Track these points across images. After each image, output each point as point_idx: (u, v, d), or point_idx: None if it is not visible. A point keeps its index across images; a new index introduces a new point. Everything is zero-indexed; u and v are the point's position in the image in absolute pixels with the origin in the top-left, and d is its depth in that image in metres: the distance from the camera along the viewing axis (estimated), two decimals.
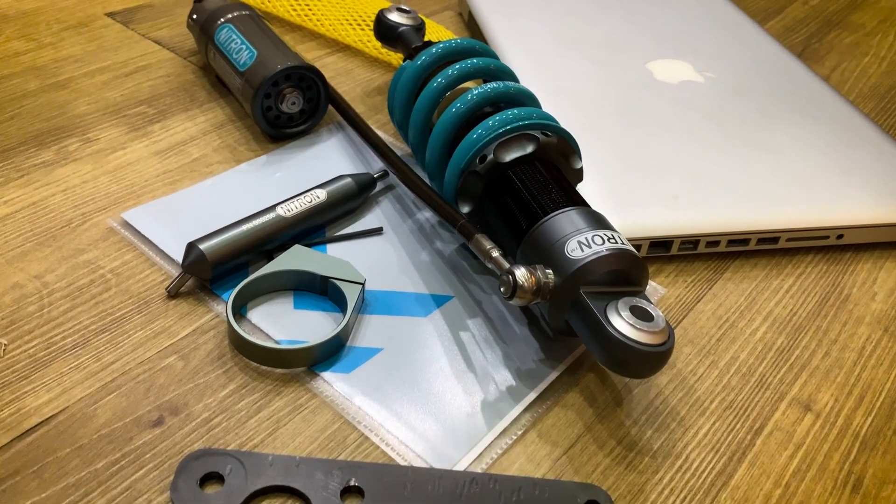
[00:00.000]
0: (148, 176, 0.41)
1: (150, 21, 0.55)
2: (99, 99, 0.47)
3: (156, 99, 0.47)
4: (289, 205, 0.37)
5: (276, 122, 0.45)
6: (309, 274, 0.34)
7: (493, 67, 0.40)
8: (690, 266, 0.39)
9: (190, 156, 0.43)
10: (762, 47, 0.57)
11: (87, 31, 0.53)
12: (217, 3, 0.49)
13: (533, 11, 0.57)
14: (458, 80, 0.40)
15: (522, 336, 0.34)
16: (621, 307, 0.30)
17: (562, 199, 0.33)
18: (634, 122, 0.46)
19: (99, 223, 0.38)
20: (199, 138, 0.44)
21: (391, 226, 0.39)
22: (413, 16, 0.49)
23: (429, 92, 0.39)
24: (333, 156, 0.44)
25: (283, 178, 0.42)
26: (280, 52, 0.44)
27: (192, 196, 0.40)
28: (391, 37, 0.49)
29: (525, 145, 0.35)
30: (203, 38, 0.48)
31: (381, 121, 0.48)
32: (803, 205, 0.41)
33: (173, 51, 0.52)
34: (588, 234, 0.31)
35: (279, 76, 0.43)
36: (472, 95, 0.38)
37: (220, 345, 0.32)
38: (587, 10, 0.58)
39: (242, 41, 0.45)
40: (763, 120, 0.47)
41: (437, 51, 0.41)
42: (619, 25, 0.57)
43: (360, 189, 0.40)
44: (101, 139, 0.43)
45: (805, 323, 0.37)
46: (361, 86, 0.51)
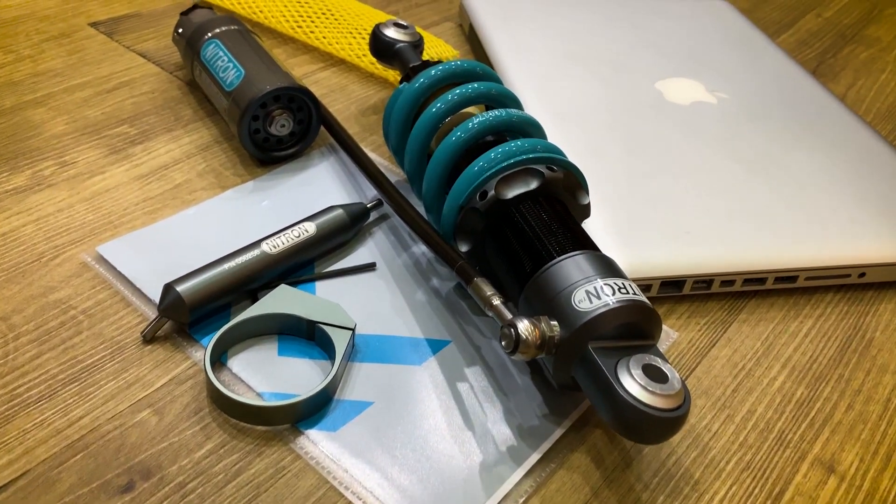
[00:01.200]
0: (127, 204, 0.39)
1: (136, 32, 0.53)
2: (78, 118, 0.44)
3: (138, 118, 0.45)
4: (275, 240, 0.34)
5: (265, 144, 0.42)
6: (295, 318, 0.32)
7: (494, 92, 0.38)
8: (704, 306, 0.37)
9: (172, 181, 0.40)
10: (775, 64, 0.54)
11: (68, 43, 0.51)
12: (204, 16, 0.47)
13: (537, 26, 0.55)
14: (459, 106, 0.37)
15: (524, 387, 0.32)
16: (633, 366, 0.27)
17: (568, 242, 0.31)
18: (643, 147, 0.43)
19: (72, 257, 0.35)
20: (183, 161, 0.42)
21: (385, 260, 0.37)
22: (411, 31, 0.46)
23: (426, 118, 0.37)
24: (325, 181, 0.41)
25: (271, 206, 0.39)
26: (269, 71, 0.41)
27: (173, 227, 0.37)
28: (387, 54, 0.46)
29: (529, 181, 0.33)
30: (189, 53, 0.45)
31: (377, 142, 0.45)
32: (823, 241, 0.38)
33: (159, 65, 0.50)
34: (597, 283, 0.29)
35: (268, 97, 0.40)
36: (473, 124, 0.35)
37: (198, 397, 0.30)
38: (594, 25, 0.56)
39: (229, 59, 0.42)
40: (779, 146, 0.45)
41: (437, 73, 0.39)
42: (627, 41, 0.55)
43: (352, 221, 0.37)
44: (79, 162, 0.41)
45: (826, 371, 0.35)
46: (356, 103, 0.48)
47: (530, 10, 0.57)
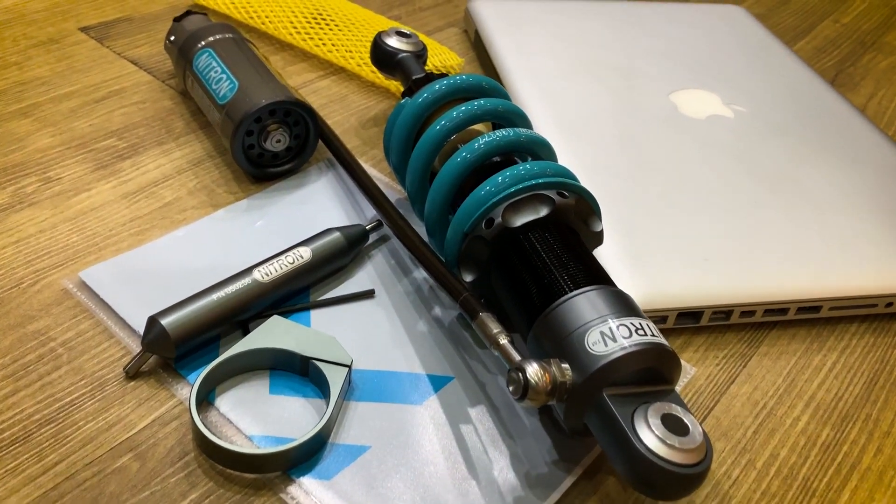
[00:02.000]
0: (113, 224, 0.37)
1: (128, 37, 0.51)
2: (65, 130, 0.42)
3: (128, 130, 0.43)
4: (267, 267, 0.32)
5: (259, 160, 0.40)
6: (287, 353, 0.30)
7: (501, 109, 0.36)
8: (722, 338, 0.35)
9: (162, 199, 0.38)
10: (793, 74, 0.52)
11: (57, 49, 0.49)
12: (198, 23, 0.45)
13: (545, 33, 0.52)
14: (464, 124, 0.35)
15: (532, 430, 0.30)
16: (651, 416, 0.25)
17: (581, 275, 0.29)
18: (657, 165, 0.41)
19: (53, 283, 0.33)
20: (174, 178, 0.40)
21: (384, 286, 0.35)
22: (414, 41, 0.44)
23: (430, 137, 0.35)
24: (322, 200, 0.39)
25: (265, 227, 0.37)
26: (265, 83, 0.39)
27: (161, 250, 0.35)
28: (389, 64, 0.44)
29: (538, 208, 0.31)
30: (181, 62, 0.43)
31: (377, 157, 0.43)
32: (848, 268, 0.36)
33: (151, 72, 0.48)
34: (612, 324, 0.27)
35: (263, 112, 0.38)
36: (480, 144, 0.33)
37: (183, 440, 0.28)
38: (604, 32, 0.54)
39: (223, 69, 0.40)
40: (799, 164, 0.43)
41: (441, 88, 0.37)
42: (640, 49, 0.52)
43: (349, 245, 0.35)
44: (64, 179, 0.39)
45: (852, 410, 0.33)
46: (356, 115, 0.46)
47: (538, 16, 0.54)
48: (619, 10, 0.58)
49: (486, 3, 0.56)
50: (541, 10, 0.56)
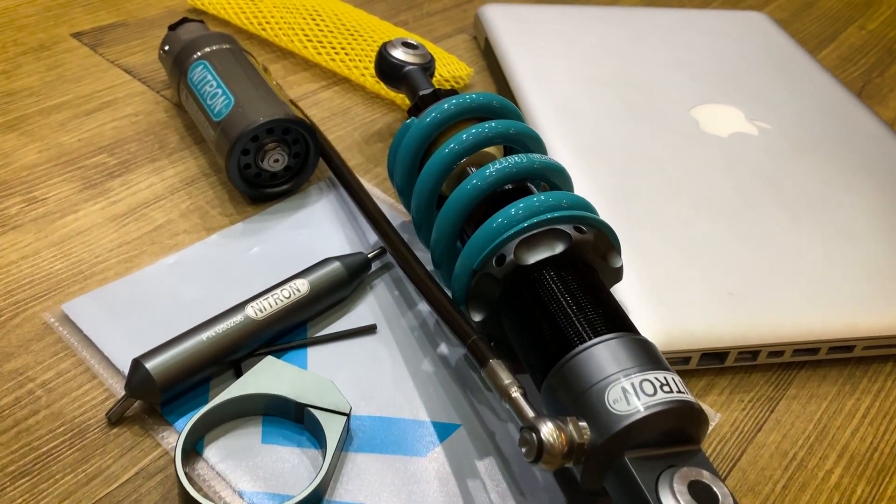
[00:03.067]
0: (100, 250, 0.34)
1: (122, 44, 0.49)
2: (52, 145, 0.40)
3: (119, 145, 0.41)
4: (261, 303, 0.30)
5: (256, 180, 0.38)
6: (282, 399, 0.28)
7: (513, 132, 0.33)
8: (748, 379, 0.33)
9: (153, 222, 0.36)
10: (819, 87, 0.49)
11: (48, 56, 0.47)
12: (194, 31, 0.42)
13: (559, 42, 0.50)
14: (474, 147, 0.33)
15: (546, 486, 0.27)
16: (677, 483, 0.23)
17: (600, 321, 0.26)
18: (679, 188, 0.39)
19: (33, 316, 0.31)
20: (166, 198, 0.38)
21: (386, 319, 0.33)
22: (421, 52, 0.42)
23: (438, 160, 0.33)
24: (322, 223, 0.37)
25: (261, 254, 0.35)
26: (262, 99, 0.37)
27: (150, 280, 0.33)
28: (394, 77, 0.42)
29: (554, 244, 0.28)
30: (176, 73, 0.41)
31: (381, 175, 0.41)
32: (883, 305, 0.34)
33: (145, 82, 0.45)
34: (635, 379, 0.24)
35: (260, 130, 0.36)
36: (491, 171, 0.31)
37: (169, 495, 0.26)
38: (622, 43, 0.51)
39: (219, 83, 0.38)
40: (830, 188, 0.40)
41: (449, 108, 0.34)
42: (659, 60, 0.50)
43: (350, 276, 0.33)
44: (50, 199, 0.37)
45: (889, 462, 0.30)
46: (360, 129, 0.44)
47: (552, 23, 0.52)
48: (637, 17, 0.55)
49: (496, 8, 0.53)
50: (555, 16, 0.53)
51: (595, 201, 0.37)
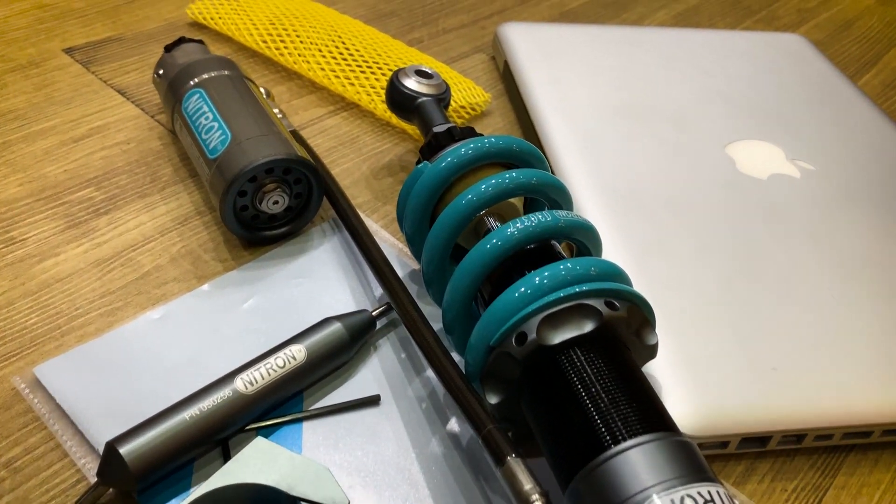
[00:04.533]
0: (81, 300, 0.32)
1: (117, 61, 0.46)
2: (36, 176, 0.37)
3: (107, 178, 0.38)
4: (252, 374, 0.27)
5: (254, 222, 0.35)
6: (271, 490, 0.25)
7: (536, 182, 0.30)
8: (791, 464, 0.29)
9: (140, 268, 0.33)
10: (863, 120, 0.46)
11: (36, 75, 0.44)
12: (191, 54, 0.39)
13: (584, 67, 0.46)
14: (493, 200, 0.30)
15: None
16: None
17: (636, 417, 0.23)
18: (714, 242, 0.35)
19: (2, 380, 0.28)
20: (155, 239, 0.35)
21: (391, 387, 0.30)
22: (436, 82, 0.39)
23: (452, 214, 0.29)
24: (325, 272, 0.34)
25: (256, 308, 0.32)
26: (262, 135, 0.34)
27: (133, 337, 0.30)
28: (406, 108, 0.39)
29: (582, 322, 0.25)
30: (170, 100, 0.38)
31: (390, 214, 0.38)
32: None
33: (139, 105, 0.42)
34: (676, 494, 0.21)
35: (258, 170, 0.33)
36: (514, 231, 0.28)
37: None
38: (651, 68, 0.48)
39: (215, 116, 0.35)
40: (880, 241, 0.36)
41: (467, 153, 0.31)
42: (691, 88, 0.46)
43: (353, 339, 0.30)
44: (29, 240, 0.34)
45: None
46: (369, 161, 0.41)
47: (576, 46, 0.49)
48: (666, 38, 0.52)
49: (517, 28, 0.50)
50: (579, 36, 0.50)
51: (621, 255, 0.34)
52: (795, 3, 0.64)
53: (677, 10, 0.60)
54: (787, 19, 0.61)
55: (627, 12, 0.59)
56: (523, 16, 0.56)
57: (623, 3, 0.60)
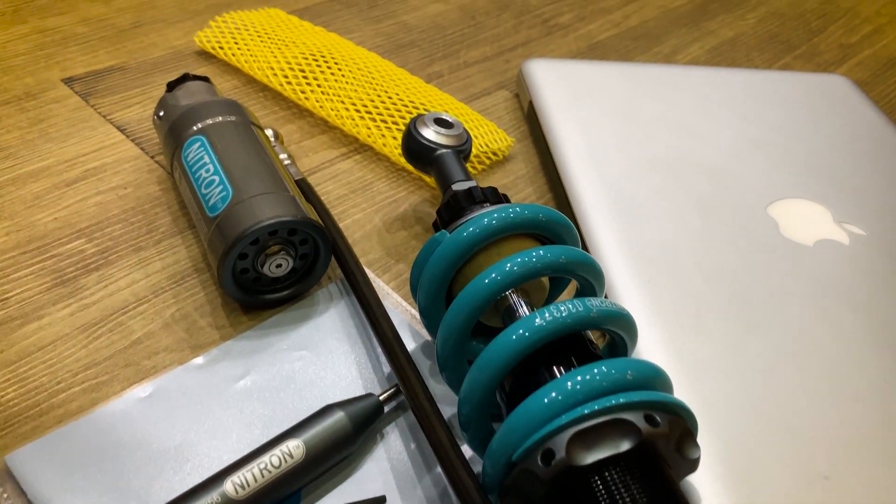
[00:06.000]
0: (64, 373, 0.29)
1: (119, 93, 0.43)
2: (24, 224, 0.35)
3: (100, 227, 0.35)
4: (244, 475, 0.24)
5: (255, 285, 0.32)
6: None
7: (564, 261, 0.27)
8: None
9: (129, 334, 0.31)
10: None
11: (33, 108, 0.41)
12: (195, 94, 0.37)
13: (614, 116, 0.43)
14: (519, 281, 0.27)
15: None
16: None
17: None
18: (755, 317, 0.32)
19: None
20: (148, 301, 0.32)
21: (398, 487, 0.27)
22: (456, 132, 0.36)
23: (473, 295, 0.27)
24: (329, 344, 0.31)
25: (251, 388, 0.29)
26: (267, 193, 0.31)
27: (116, 420, 0.27)
28: (424, 160, 0.36)
29: (618, 441, 0.22)
30: (170, 144, 0.35)
31: (403, 274, 0.35)
32: None
33: (139, 143, 0.40)
34: None
35: (261, 233, 0.30)
36: (543, 322, 0.25)
37: None
38: (684, 114, 0.44)
39: (216, 168, 0.32)
40: None
41: (491, 224, 0.28)
42: (729, 137, 0.43)
43: (356, 429, 0.27)
44: (11, 299, 0.31)
45: None
46: (382, 211, 0.38)
47: (606, 89, 0.46)
48: (700, 78, 0.48)
49: (542, 65, 0.47)
50: (609, 76, 0.47)
51: (654, 332, 0.31)
52: (837, 37, 0.61)
53: (712, 43, 0.57)
54: (828, 55, 0.58)
55: (659, 45, 0.56)
56: (549, 48, 0.53)
57: (655, 36, 0.57)
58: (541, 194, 0.41)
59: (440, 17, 0.55)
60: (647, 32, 0.57)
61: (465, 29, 0.54)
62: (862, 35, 0.62)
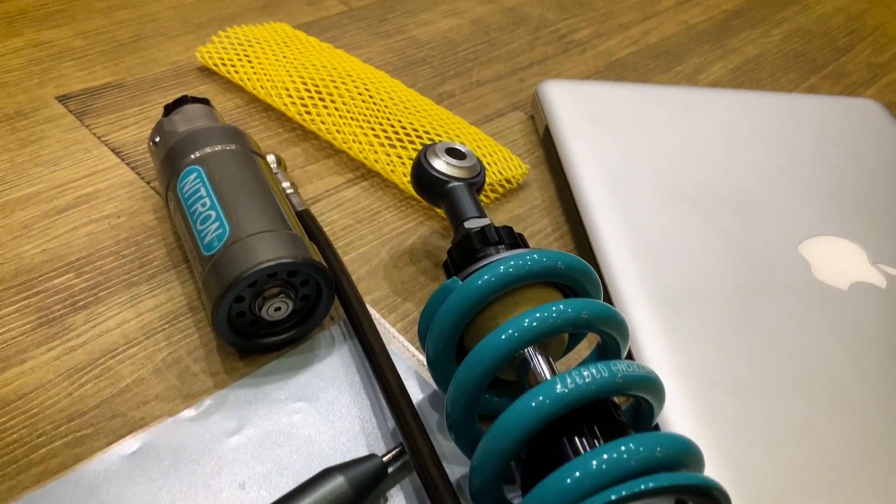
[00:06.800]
0: (45, 425, 0.27)
1: (115, 111, 0.41)
2: (10, 257, 0.33)
3: (91, 260, 0.33)
4: None
5: (252, 328, 0.30)
6: None
7: (587, 317, 0.25)
8: None
9: (117, 381, 0.29)
10: None
11: (24, 128, 0.39)
12: (194, 119, 0.34)
13: (635, 143, 0.41)
14: (538, 338, 0.25)
15: None
16: None
17: None
18: (789, 370, 0.30)
19: None
20: (139, 342, 0.30)
21: None
22: (469, 164, 0.34)
23: (488, 354, 0.24)
24: (330, 393, 0.29)
25: (244, 445, 0.27)
26: (266, 231, 0.29)
27: (98, 479, 0.25)
28: (434, 192, 0.34)
29: None
30: (166, 173, 0.33)
31: (411, 315, 0.33)
32: None
33: (135, 168, 0.38)
34: None
35: (260, 275, 0.28)
36: (566, 389, 0.22)
37: None
38: (709, 142, 0.42)
39: (213, 202, 0.30)
40: None
41: (507, 274, 0.26)
42: (756, 165, 0.41)
43: (358, 496, 0.25)
44: None
45: None
46: (389, 243, 0.36)
47: (626, 112, 0.43)
48: (725, 102, 0.46)
49: (558, 86, 0.45)
50: (628, 98, 0.45)
51: (682, 389, 0.29)
52: (865, 56, 0.58)
53: (735, 62, 0.55)
54: (856, 76, 0.56)
55: (681, 64, 0.53)
56: (566, 66, 0.51)
57: (676, 54, 0.54)
58: (557, 226, 0.39)
59: (452, 32, 0.52)
60: (668, 50, 0.55)
61: (479, 45, 0.51)
62: (891, 54, 0.59)
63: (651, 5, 0.61)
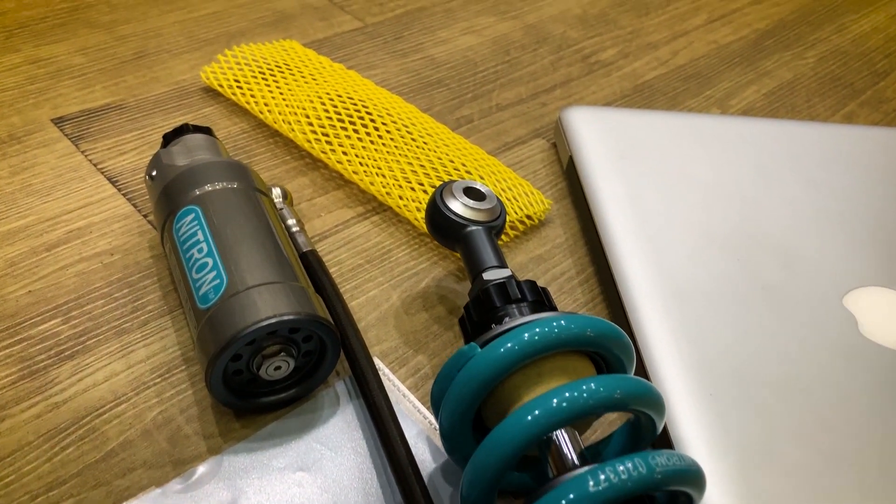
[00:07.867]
0: (20, 495, 0.24)
1: (113, 136, 0.39)
2: None
3: (80, 304, 0.31)
4: None
5: (249, 387, 0.28)
6: None
7: (621, 397, 0.22)
8: None
9: (103, 443, 0.26)
10: None
11: (16, 153, 0.37)
12: (194, 151, 0.32)
13: (666, 178, 0.38)
14: (568, 421, 0.22)
15: None
16: None
17: None
18: (834, 444, 0.27)
19: None
20: (128, 399, 0.28)
21: None
22: (488, 205, 0.31)
23: (511, 438, 0.22)
24: (334, 462, 0.26)
25: None
26: (267, 282, 0.26)
27: None
28: (451, 236, 0.31)
29: None
30: (162, 211, 0.31)
31: (422, 369, 0.30)
32: None
33: (131, 199, 0.35)
34: None
35: (259, 334, 0.26)
36: (600, 485, 0.20)
37: None
38: (745, 182, 0.39)
39: (211, 248, 0.28)
40: None
41: (533, 341, 0.24)
42: (795, 209, 0.38)
43: None
44: None
45: None
46: (400, 287, 0.34)
47: (656, 144, 0.40)
48: (758, 132, 0.43)
49: (583, 114, 0.42)
50: (656, 127, 0.42)
51: (721, 471, 0.26)
52: None
53: (769, 86, 0.52)
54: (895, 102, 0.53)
55: (711, 88, 0.50)
56: (591, 89, 0.48)
57: (706, 76, 0.52)
58: (581, 268, 0.36)
59: (471, 51, 0.50)
60: (698, 72, 0.52)
61: (499, 66, 0.49)
62: None
63: (680, 23, 0.58)
